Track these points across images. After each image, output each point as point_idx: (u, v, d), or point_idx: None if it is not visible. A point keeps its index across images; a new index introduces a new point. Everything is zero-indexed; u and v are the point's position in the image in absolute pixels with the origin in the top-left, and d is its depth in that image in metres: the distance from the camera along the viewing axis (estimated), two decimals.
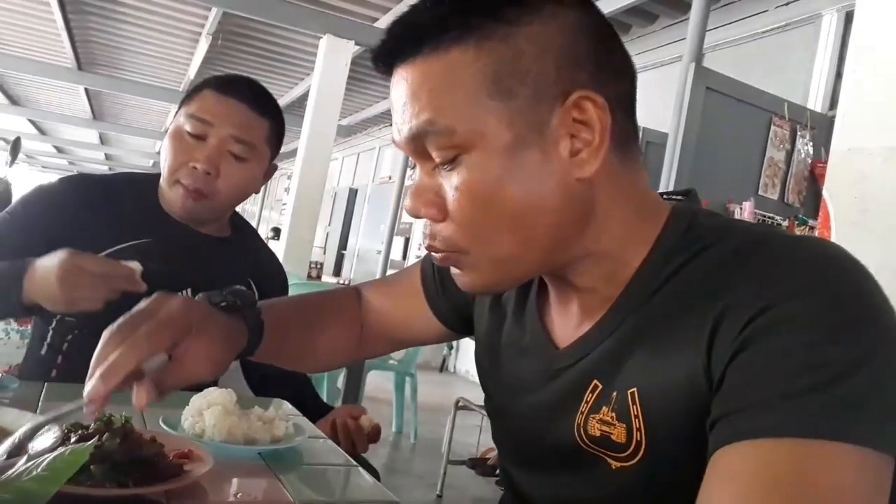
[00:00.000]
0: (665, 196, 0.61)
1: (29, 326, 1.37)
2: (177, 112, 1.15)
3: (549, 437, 0.60)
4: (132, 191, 1.15)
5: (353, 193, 9.96)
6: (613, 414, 0.54)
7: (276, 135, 1.18)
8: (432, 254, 0.58)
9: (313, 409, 1.11)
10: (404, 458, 3.46)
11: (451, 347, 6.48)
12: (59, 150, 15.25)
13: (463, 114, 0.52)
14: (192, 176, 1.08)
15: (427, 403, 4.32)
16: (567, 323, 0.61)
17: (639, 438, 0.52)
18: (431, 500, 2.82)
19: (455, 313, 0.79)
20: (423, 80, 0.53)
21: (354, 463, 0.82)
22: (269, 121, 1.15)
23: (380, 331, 0.85)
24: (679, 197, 0.62)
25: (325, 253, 9.84)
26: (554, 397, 0.59)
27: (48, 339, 1.08)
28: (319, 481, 0.77)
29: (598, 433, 0.55)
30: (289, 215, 4.60)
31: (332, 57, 4.55)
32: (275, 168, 1.22)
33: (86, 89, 7.86)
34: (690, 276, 0.53)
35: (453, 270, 0.58)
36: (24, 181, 10.15)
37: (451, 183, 0.53)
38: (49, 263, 0.90)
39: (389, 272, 6.85)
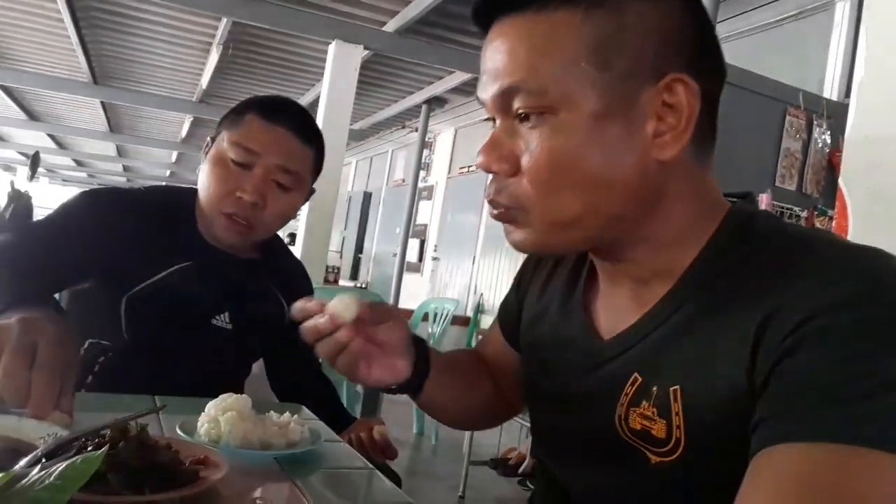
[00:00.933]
0: (724, 196, 0.61)
1: None
2: (217, 134, 1.12)
3: (590, 427, 0.60)
4: (168, 211, 1.13)
5: (367, 197, 9.99)
6: (654, 409, 0.54)
7: (319, 161, 1.16)
8: (490, 208, 0.59)
9: (338, 419, 1.11)
10: (426, 459, 3.46)
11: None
12: (79, 163, 15.50)
13: (558, 76, 0.53)
14: (238, 205, 1.06)
15: None
16: (612, 315, 0.62)
17: (678, 436, 0.52)
18: (454, 501, 2.82)
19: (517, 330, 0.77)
20: (524, 38, 0.54)
21: (371, 467, 0.82)
22: (314, 150, 1.13)
23: (502, 376, 0.83)
24: (736, 200, 0.62)
25: (341, 257, 9.89)
26: (595, 388, 0.60)
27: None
28: (336, 485, 0.76)
29: (638, 426, 0.55)
30: (304, 220, 4.62)
31: (342, 62, 4.57)
32: (313, 191, 1.20)
33: (102, 103, 7.98)
34: (740, 275, 0.53)
35: (506, 228, 0.59)
36: (45, 195, 10.33)
37: (531, 141, 0.54)
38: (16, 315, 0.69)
39: (406, 275, 6.87)
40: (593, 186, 0.54)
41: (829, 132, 2.78)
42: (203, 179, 1.10)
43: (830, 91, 3.26)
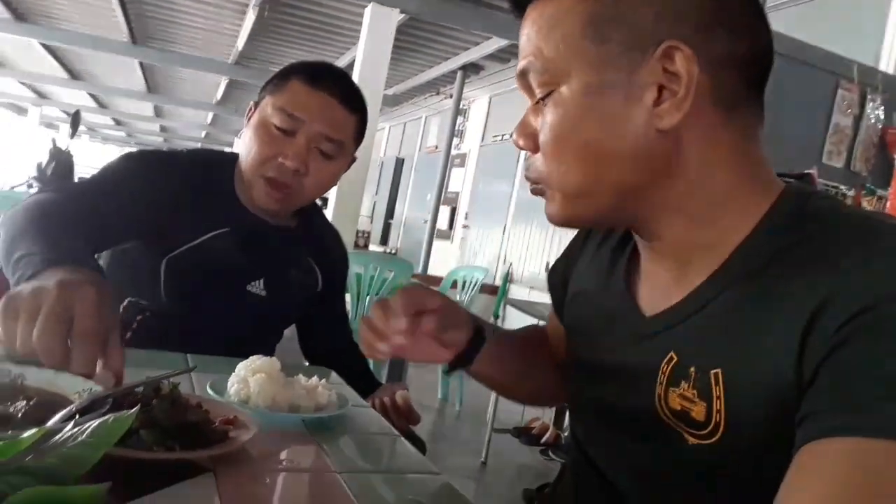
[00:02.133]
0: (778, 176, 0.58)
1: None
2: (260, 99, 1.11)
3: (629, 403, 0.60)
4: (209, 176, 1.13)
5: (399, 163, 9.97)
6: (694, 391, 0.53)
7: (362, 131, 1.15)
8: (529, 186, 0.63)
9: (364, 383, 1.12)
10: (449, 425, 3.50)
11: (496, 316, 6.48)
12: (118, 122, 15.75)
13: (558, 53, 0.56)
14: (280, 170, 1.05)
15: None
16: (655, 293, 0.61)
17: (718, 420, 0.51)
18: (476, 466, 2.86)
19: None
20: (535, 21, 0.58)
21: (397, 433, 0.82)
22: (358, 117, 1.12)
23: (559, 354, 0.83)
24: (792, 180, 0.60)
25: (371, 222, 9.93)
26: (635, 365, 0.59)
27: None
28: (362, 451, 0.77)
29: (678, 407, 0.54)
30: (336, 184, 4.63)
31: (377, 25, 4.50)
32: (354, 159, 1.19)
33: (140, 63, 8.05)
34: (794, 259, 0.50)
35: (545, 203, 0.62)
36: (86, 153, 10.55)
37: (543, 117, 0.58)
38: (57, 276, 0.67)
39: (436, 242, 6.87)
40: (593, 157, 0.56)
41: (882, 107, 2.65)
42: (245, 144, 1.10)
43: (887, 64, 3.10)
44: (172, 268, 1.06)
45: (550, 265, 0.85)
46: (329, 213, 4.67)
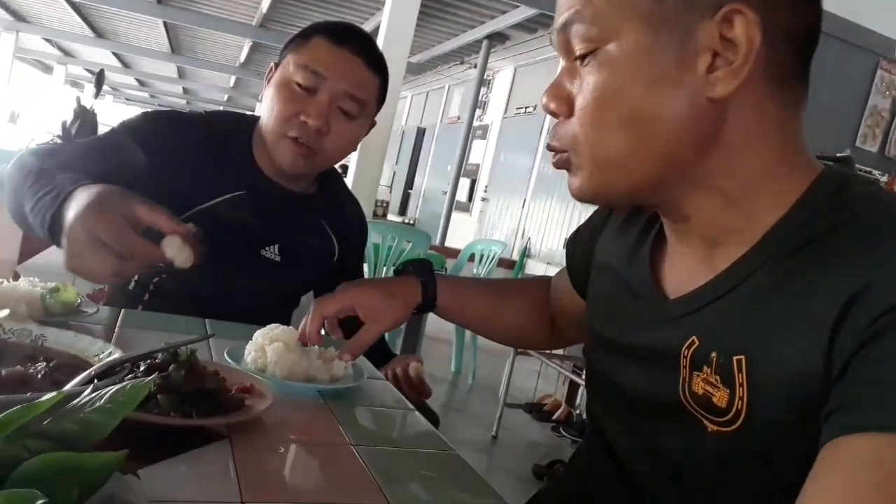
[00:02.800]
0: (818, 158, 0.56)
1: None
2: (281, 59, 1.10)
3: (650, 386, 0.58)
4: (227, 138, 1.12)
5: (420, 132, 9.90)
6: (718, 377, 0.51)
7: (384, 91, 1.13)
8: (551, 157, 0.59)
9: (379, 353, 1.12)
10: (461, 397, 3.53)
11: None
12: (141, 83, 15.79)
13: (610, 6, 0.52)
14: (302, 130, 1.04)
15: (487, 346, 4.36)
16: (680, 275, 0.59)
17: (739, 407, 0.50)
18: (487, 440, 2.88)
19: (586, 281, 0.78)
20: None
21: (412, 407, 0.82)
22: (380, 78, 1.10)
23: (564, 314, 0.91)
24: (831, 163, 0.57)
25: (391, 192, 9.92)
26: (656, 347, 0.58)
27: (135, 276, 1.09)
28: (376, 423, 0.77)
29: (700, 392, 0.53)
30: (356, 153, 4.61)
31: None
32: (374, 123, 1.18)
33: (164, 23, 8.02)
34: (829, 245, 0.48)
35: (568, 178, 0.58)
36: (109, 112, 10.61)
37: (583, 78, 0.54)
38: (74, 209, 0.74)
39: (454, 214, 6.84)
40: (638, 123, 0.52)
41: None
42: (266, 104, 1.08)
43: None
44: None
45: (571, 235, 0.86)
46: (349, 181, 4.66)
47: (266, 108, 1.08)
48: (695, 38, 0.50)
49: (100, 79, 3.85)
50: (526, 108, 7.18)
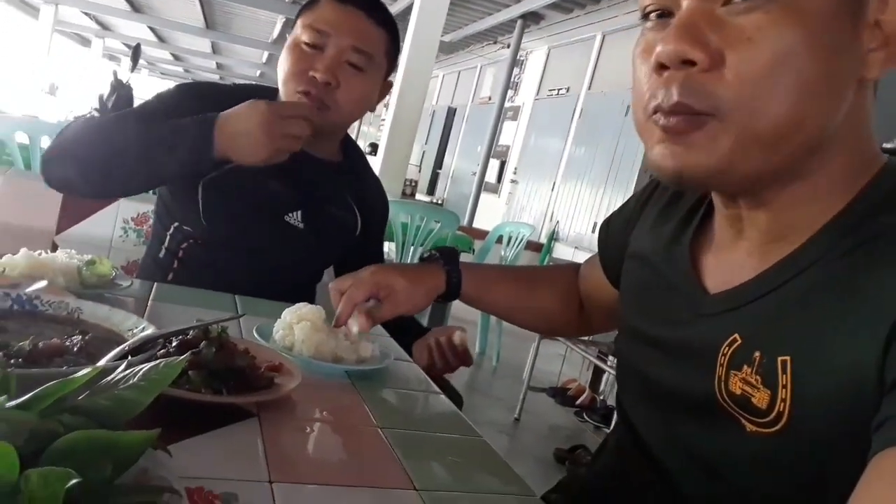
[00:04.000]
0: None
1: (145, 226, 1.46)
2: (294, 24, 1.13)
3: (685, 382, 0.56)
4: None
5: (451, 112, 9.84)
6: (758, 377, 0.49)
7: (393, 48, 1.16)
8: (661, 118, 0.48)
9: (413, 330, 1.12)
10: (485, 379, 3.54)
11: None
12: (176, 57, 15.95)
13: None
14: (312, 84, 1.06)
15: (511, 329, 4.34)
16: (723, 269, 0.57)
17: (781, 409, 0.47)
18: (509, 422, 2.89)
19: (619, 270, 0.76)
20: None
21: (438, 390, 0.82)
22: (387, 32, 1.12)
23: (594, 303, 0.90)
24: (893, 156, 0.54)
25: (419, 171, 9.90)
26: (694, 343, 0.56)
27: (165, 244, 1.13)
28: (402, 405, 0.77)
29: (738, 392, 0.50)
30: (386, 131, 4.59)
31: None
32: (390, 85, 1.19)
33: None
34: (888, 245, 0.45)
35: (668, 149, 0.48)
36: (145, 86, 10.74)
37: (749, 25, 0.45)
38: (243, 116, 0.96)
39: (483, 195, 6.81)
40: (809, 93, 0.45)
41: None
42: (279, 67, 1.12)
43: None
44: (209, 191, 1.08)
45: (599, 224, 0.84)
46: (378, 160, 4.65)
47: (279, 70, 1.11)
48: (864, 8, 0.46)
49: (136, 53, 3.88)
50: (559, 89, 7.08)
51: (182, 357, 0.43)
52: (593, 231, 6.04)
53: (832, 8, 0.45)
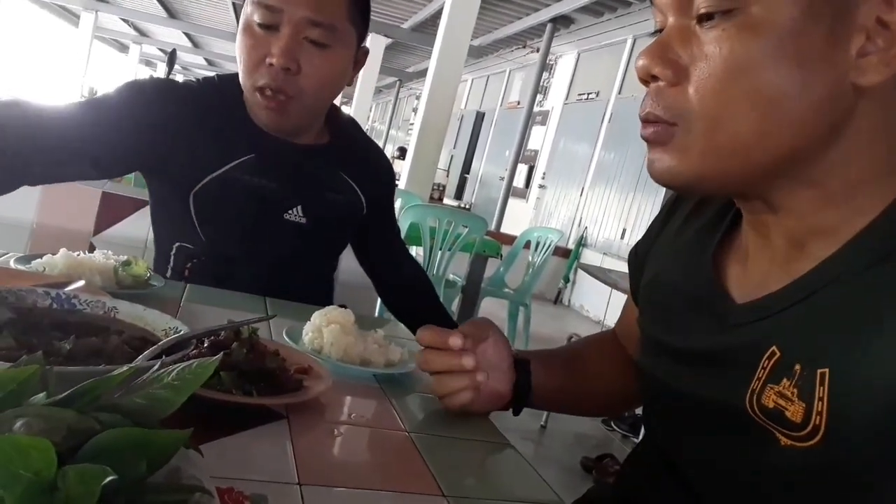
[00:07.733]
0: None
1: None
2: (243, 3, 1.00)
3: (714, 396, 0.54)
4: (223, 102, 1.04)
5: (479, 117, 9.85)
6: (795, 390, 0.47)
7: (360, 10, 1.01)
8: (642, 127, 0.52)
9: (441, 324, 1.12)
10: None
11: (567, 280, 6.40)
12: (210, 62, 16.27)
13: None
14: (270, 75, 0.95)
15: (539, 334, 4.33)
16: (751, 278, 0.55)
17: (818, 423, 0.46)
18: (535, 429, 2.87)
19: None
20: None
21: None
22: None
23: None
24: None
25: (447, 175, 9.93)
26: (722, 355, 0.54)
27: (171, 264, 1.07)
28: (430, 409, 0.77)
29: (771, 405, 0.49)
30: (415, 136, 4.62)
31: None
32: (366, 53, 1.07)
33: (233, 3, 8.22)
34: None
35: (651, 157, 0.52)
36: None
37: (708, 43, 0.48)
38: None
39: (511, 200, 6.80)
40: (774, 104, 0.46)
41: None
42: (237, 53, 0.99)
43: None
44: (200, 202, 1.01)
45: (632, 245, 0.79)
46: (406, 164, 4.68)
47: (237, 58, 0.99)
48: (851, 13, 0.45)
49: (172, 58, 3.98)
50: (588, 94, 7.03)
51: (215, 357, 0.43)
52: (622, 237, 5.97)
53: (795, 22, 0.45)
